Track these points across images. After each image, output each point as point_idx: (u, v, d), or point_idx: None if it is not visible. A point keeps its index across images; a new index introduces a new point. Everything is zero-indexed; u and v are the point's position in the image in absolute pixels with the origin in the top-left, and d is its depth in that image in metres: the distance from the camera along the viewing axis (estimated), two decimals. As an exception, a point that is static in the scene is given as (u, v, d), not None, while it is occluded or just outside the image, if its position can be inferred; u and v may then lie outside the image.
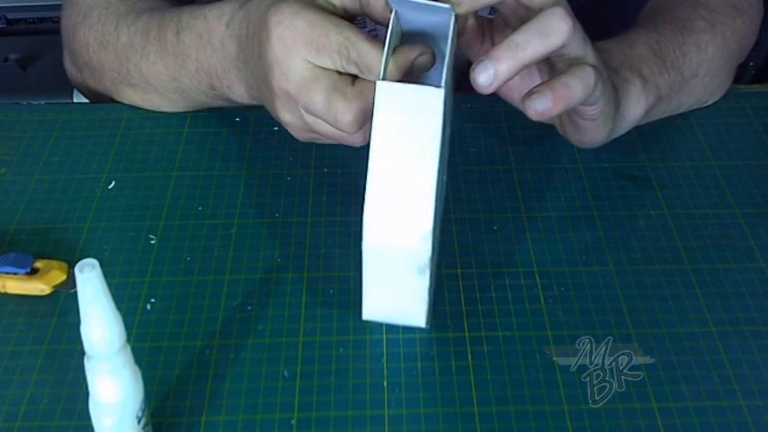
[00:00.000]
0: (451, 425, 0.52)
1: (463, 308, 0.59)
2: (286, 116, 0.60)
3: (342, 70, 0.56)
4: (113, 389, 0.46)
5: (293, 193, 0.68)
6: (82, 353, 0.45)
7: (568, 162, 0.66)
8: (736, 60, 0.76)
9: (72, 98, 1.01)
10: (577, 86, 0.55)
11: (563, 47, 0.55)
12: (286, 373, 0.55)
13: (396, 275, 0.54)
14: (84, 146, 0.73)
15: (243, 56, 0.63)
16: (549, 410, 0.53)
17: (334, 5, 0.58)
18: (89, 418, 0.48)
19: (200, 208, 0.67)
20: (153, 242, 0.64)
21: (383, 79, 0.52)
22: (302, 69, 0.56)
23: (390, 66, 0.54)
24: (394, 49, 0.55)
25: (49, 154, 0.72)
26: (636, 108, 0.66)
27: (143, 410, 0.48)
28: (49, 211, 0.67)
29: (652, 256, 0.63)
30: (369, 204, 0.52)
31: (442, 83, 0.52)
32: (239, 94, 0.68)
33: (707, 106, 0.76)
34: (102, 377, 0.46)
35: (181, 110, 0.75)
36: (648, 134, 0.73)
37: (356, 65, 0.55)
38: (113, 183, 0.69)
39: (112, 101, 0.77)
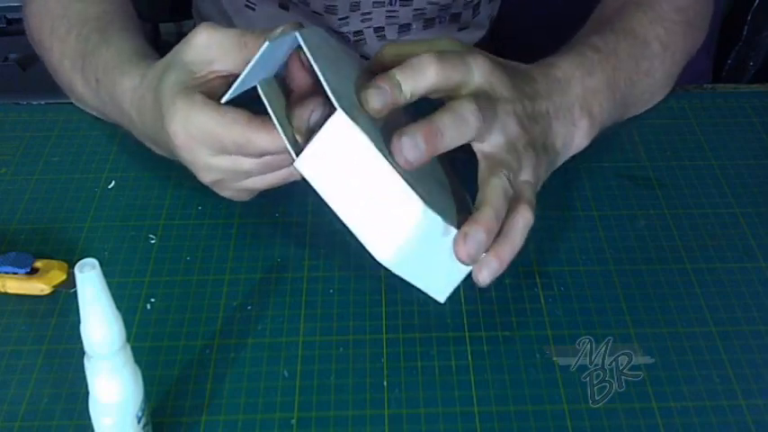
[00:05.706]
0: (451, 425, 0.53)
1: (463, 308, 0.59)
2: (208, 178, 0.59)
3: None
4: (113, 389, 0.46)
5: (293, 193, 0.68)
6: (82, 353, 0.45)
7: (568, 162, 0.66)
8: (677, 75, 0.75)
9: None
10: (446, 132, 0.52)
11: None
12: (286, 373, 0.55)
13: (431, 254, 0.52)
14: (84, 146, 0.73)
15: (145, 133, 0.64)
16: (549, 410, 0.53)
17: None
18: (89, 418, 0.48)
19: (200, 208, 0.67)
20: (153, 242, 0.64)
21: (296, 155, 0.51)
22: (214, 160, 0.57)
23: (293, 135, 0.54)
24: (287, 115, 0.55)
25: (49, 154, 0.72)
26: (578, 146, 0.64)
27: (143, 410, 0.48)
28: (48, 211, 0.67)
29: (652, 256, 0.63)
30: (358, 234, 0.51)
31: (338, 106, 0.49)
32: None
33: (708, 106, 0.76)
34: (101, 377, 0.46)
35: None
36: (648, 134, 0.73)
37: (259, 155, 0.56)
38: (113, 183, 0.69)
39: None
